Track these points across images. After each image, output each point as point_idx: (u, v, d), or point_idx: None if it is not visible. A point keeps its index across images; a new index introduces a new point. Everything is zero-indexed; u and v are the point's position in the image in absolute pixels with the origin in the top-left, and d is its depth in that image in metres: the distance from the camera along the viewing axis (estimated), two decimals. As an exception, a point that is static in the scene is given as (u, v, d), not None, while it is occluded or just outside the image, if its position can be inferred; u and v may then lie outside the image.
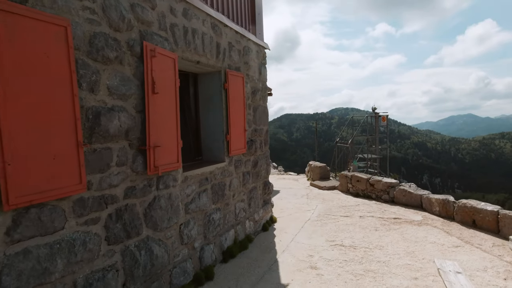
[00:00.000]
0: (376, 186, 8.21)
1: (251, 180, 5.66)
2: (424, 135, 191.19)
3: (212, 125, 4.86)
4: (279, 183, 10.87)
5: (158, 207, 3.34)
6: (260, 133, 6.13)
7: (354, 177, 8.84)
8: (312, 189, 9.80)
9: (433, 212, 6.81)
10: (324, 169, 10.59)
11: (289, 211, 7.25)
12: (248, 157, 5.60)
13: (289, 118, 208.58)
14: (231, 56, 4.96)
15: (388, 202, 7.88)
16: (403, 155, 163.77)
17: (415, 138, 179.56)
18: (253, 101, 5.82)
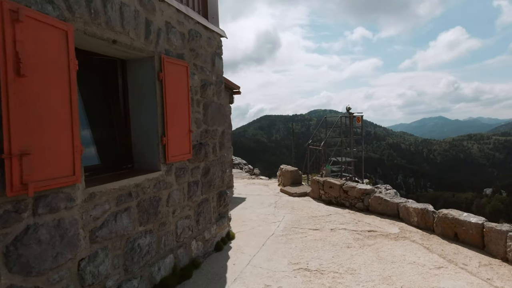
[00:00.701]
0: (350, 193, 7.44)
1: (200, 191, 4.68)
2: (398, 136, 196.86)
3: (144, 125, 3.84)
4: (247, 189, 9.94)
5: (35, 240, 2.31)
6: (213, 134, 5.17)
7: (327, 183, 8.05)
8: (281, 196, 8.93)
9: (411, 223, 6.09)
10: (296, 174, 9.76)
11: (252, 224, 6.32)
12: (196, 163, 4.62)
13: (269, 119, 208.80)
14: (170, 40, 3.97)
15: (362, 210, 7.12)
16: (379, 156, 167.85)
17: (390, 140, 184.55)
18: (204, 97, 4.85)
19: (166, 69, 3.80)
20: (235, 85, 10.31)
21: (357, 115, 10.38)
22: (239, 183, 11.19)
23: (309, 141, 10.30)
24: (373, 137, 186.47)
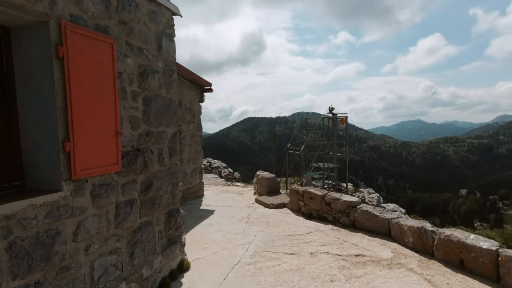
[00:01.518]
0: (333, 205, 6.40)
1: (136, 213, 3.47)
2: (379, 139, 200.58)
3: (38, 123, 2.62)
4: (218, 199, 8.75)
5: None
6: (158, 138, 3.96)
7: (307, 194, 6.98)
8: (256, 207, 7.80)
9: (405, 244, 5.09)
10: (273, 182, 8.66)
11: (216, 247, 5.15)
12: (131, 176, 3.41)
13: (252, 121, 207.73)
14: (81, 2, 2.76)
15: (348, 226, 6.08)
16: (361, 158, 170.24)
17: (371, 142, 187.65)
18: (144, 88, 3.65)
19: (71, 43, 2.58)
20: (206, 82, 9.13)
21: (341, 116, 9.41)
22: (211, 191, 9.99)
23: (288, 145, 9.23)
24: (354, 140, 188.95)
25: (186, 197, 8.17)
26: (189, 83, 8.34)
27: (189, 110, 8.40)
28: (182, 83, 7.99)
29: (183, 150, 8.02)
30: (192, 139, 8.53)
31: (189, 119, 8.38)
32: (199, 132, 8.96)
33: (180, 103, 7.84)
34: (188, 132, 8.35)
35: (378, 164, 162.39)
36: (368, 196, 19.50)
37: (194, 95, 8.75)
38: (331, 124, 9.67)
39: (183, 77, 7.94)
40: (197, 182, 8.86)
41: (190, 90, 8.48)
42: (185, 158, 8.15)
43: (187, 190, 8.23)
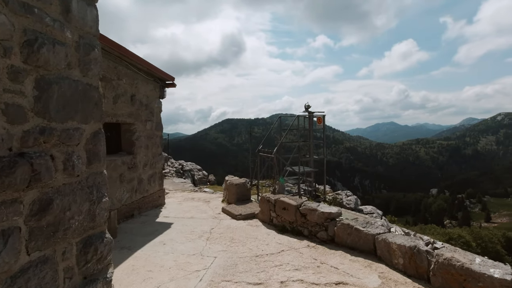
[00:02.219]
0: (309, 217, 5.45)
1: (16, 250, 2.29)
2: (355, 140, 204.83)
3: None
4: (181, 208, 7.60)
5: None
6: (67, 138, 2.79)
7: (279, 203, 6.00)
8: (222, 218, 6.73)
9: (394, 266, 4.20)
10: (242, 188, 7.62)
11: (162, 277, 4.03)
12: (7, 195, 2.26)
13: (231, 122, 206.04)
14: None
15: (326, 242, 5.15)
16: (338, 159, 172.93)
17: (347, 143, 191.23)
18: (36, 65, 2.48)
19: None
20: (168, 75, 7.97)
21: (318, 114, 8.53)
22: (174, 199, 8.81)
23: (260, 147, 8.24)
24: (332, 141, 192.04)
25: (141, 208, 6.98)
26: (146, 75, 7.17)
27: (145, 107, 7.21)
28: (136, 75, 6.80)
29: (137, 153, 6.82)
30: (149, 140, 7.35)
31: (146, 117, 7.20)
32: (159, 132, 7.78)
33: (133, 98, 6.65)
34: (145, 132, 7.16)
35: (354, 165, 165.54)
36: (346, 199, 18.89)
37: (153, 90, 7.57)
38: (308, 124, 8.77)
39: (137, 68, 6.76)
40: (156, 190, 7.68)
41: (147, 84, 7.30)
42: (140, 162, 6.96)
43: (142, 200, 7.04)
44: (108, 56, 5.78)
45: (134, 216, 6.66)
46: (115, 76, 6.02)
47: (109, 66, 5.84)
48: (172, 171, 20.49)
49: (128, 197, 6.44)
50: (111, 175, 5.92)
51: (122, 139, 6.76)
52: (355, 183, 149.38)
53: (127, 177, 6.40)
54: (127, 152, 6.70)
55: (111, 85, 5.89)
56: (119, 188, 6.15)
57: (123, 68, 6.29)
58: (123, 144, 6.76)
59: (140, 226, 6.06)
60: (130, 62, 6.42)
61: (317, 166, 9.72)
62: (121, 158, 6.23)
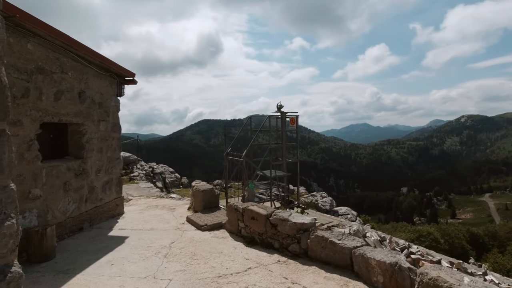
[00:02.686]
0: (280, 228, 4.89)
1: None
2: (330, 141, 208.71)
3: None
4: (140, 218, 6.80)
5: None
6: None
7: (248, 212, 5.40)
8: (186, 229, 6.03)
9: (373, 284, 3.71)
10: (210, 195, 6.95)
11: (100, 310, 3.30)
12: None
13: (207, 123, 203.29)
14: None
15: (298, 256, 4.60)
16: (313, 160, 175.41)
17: (322, 144, 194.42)
18: None
19: None
20: (127, 71, 7.16)
21: (291, 115, 8.01)
22: (136, 207, 7.99)
23: (228, 149, 7.62)
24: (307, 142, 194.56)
25: (93, 219, 6.13)
26: (99, 70, 6.33)
27: (98, 105, 6.37)
28: (87, 68, 5.96)
29: (88, 157, 5.98)
30: (103, 143, 6.51)
31: (99, 117, 6.36)
32: (116, 134, 6.95)
33: (82, 95, 5.81)
34: (98, 133, 6.32)
35: (329, 166, 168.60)
36: (321, 200, 18.63)
37: (108, 87, 6.74)
38: (281, 125, 8.23)
39: (87, 61, 5.93)
40: (113, 198, 6.84)
41: (101, 79, 6.47)
42: (92, 168, 6.12)
43: (94, 210, 6.19)
44: (48, 44, 4.95)
45: (84, 229, 5.82)
46: (57, 68, 5.17)
47: (49, 56, 4.99)
48: (142, 174, 19.36)
49: (75, 208, 5.59)
50: (53, 183, 5.07)
51: (69, 141, 5.90)
52: (330, 183, 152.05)
53: (74, 185, 5.55)
54: (75, 156, 5.85)
55: (51, 79, 5.04)
56: (63, 198, 5.30)
57: (68, 60, 5.45)
58: (70, 148, 5.90)
59: (87, 242, 5.24)
60: (78, 54, 5.59)
61: (291, 169, 9.20)
62: (66, 164, 5.38)
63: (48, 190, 4.99)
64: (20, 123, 4.47)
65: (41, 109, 4.84)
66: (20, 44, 4.48)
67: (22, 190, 4.51)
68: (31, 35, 4.64)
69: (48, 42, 4.93)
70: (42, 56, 4.87)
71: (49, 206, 4.98)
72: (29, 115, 4.62)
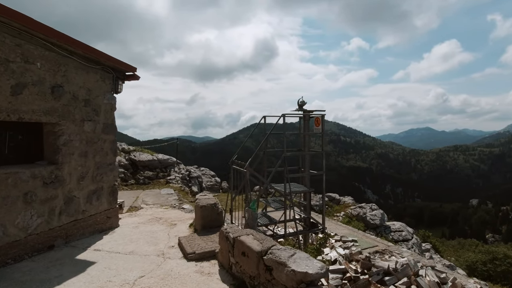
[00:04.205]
0: (276, 274, 3.30)
1: None
2: (387, 146, 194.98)
3: None
4: (130, 235, 5.68)
5: None
6: None
7: (238, 244, 3.90)
8: (170, 256, 4.73)
9: None
10: (210, 212, 5.57)
11: None
12: None
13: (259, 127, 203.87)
14: None
15: (297, 324, 2.98)
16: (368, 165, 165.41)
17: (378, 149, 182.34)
18: None
19: None
20: (125, 64, 6.18)
21: (316, 114, 6.24)
22: (139, 218, 6.98)
23: (233, 157, 6.18)
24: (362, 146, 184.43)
25: (71, 235, 5.18)
26: (85, 61, 5.40)
27: (84, 102, 5.44)
28: (66, 59, 5.05)
29: (65, 163, 5.04)
30: (90, 146, 5.56)
31: (83, 116, 5.42)
32: (108, 136, 5.98)
33: (57, 89, 4.88)
34: (82, 134, 5.38)
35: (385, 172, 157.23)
36: (370, 213, 16.15)
37: (99, 82, 5.80)
38: (302, 127, 6.50)
39: (67, 50, 5.01)
40: (103, 209, 5.86)
41: (88, 73, 5.54)
42: (71, 175, 5.17)
43: (74, 224, 5.23)
44: (3, 28, 4.07)
45: (55, 247, 4.87)
46: (17, 57, 4.29)
47: (4, 42, 4.11)
48: (178, 178, 18.92)
49: (41, 223, 4.66)
50: (7, 194, 4.17)
51: (44, 144, 5.03)
52: (387, 190, 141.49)
53: (41, 196, 4.63)
54: (50, 161, 4.96)
55: (7, 69, 4.16)
56: (23, 211, 4.39)
57: (36, 48, 4.56)
58: (45, 151, 5.03)
59: (44, 267, 4.23)
60: (51, 41, 4.68)
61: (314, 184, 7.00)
62: (29, 170, 4.47)
63: (2, 202, 4.09)
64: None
65: (-8, 105, 3.96)
66: (-47, 24, 3.62)
67: (-46, 203, 3.64)
68: (-26, 15, 3.77)
69: (2, 24, 4.05)
70: (-8, 40, 4.00)
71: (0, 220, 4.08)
72: (-33, 112, 3.75)
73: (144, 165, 19.49)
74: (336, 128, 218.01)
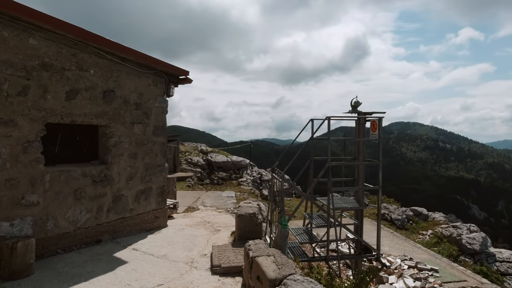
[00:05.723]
0: (284, 312, 2.69)
1: None
2: (501, 155, 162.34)
3: None
4: (173, 237, 5.68)
5: None
6: None
7: (255, 266, 3.37)
8: (197, 266, 4.47)
9: None
10: (248, 222, 5.14)
11: None
12: None
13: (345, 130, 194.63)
14: None
15: None
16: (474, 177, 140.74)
17: (489, 158, 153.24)
18: None
19: None
20: (177, 68, 6.32)
21: (373, 117, 5.13)
22: (189, 219, 7.05)
23: (276, 163, 5.56)
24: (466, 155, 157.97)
25: (118, 231, 5.44)
26: (137, 67, 5.65)
27: (135, 106, 5.69)
28: (118, 65, 5.34)
29: (114, 163, 5.33)
30: (139, 148, 5.79)
31: (133, 119, 5.66)
32: (158, 138, 6.16)
33: (109, 94, 5.19)
34: (131, 136, 5.64)
35: (498, 185, 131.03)
36: (466, 236, 13.37)
37: (151, 86, 6.01)
38: (356, 131, 5.47)
39: (119, 58, 5.31)
40: (151, 209, 6.05)
41: (140, 78, 5.78)
42: (120, 175, 5.44)
43: (121, 222, 5.49)
44: (60, 40, 4.47)
45: (102, 242, 5.17)
46: (72, 65, 4.67)
47: (61, 52, 4.52)
48: (250, 180, 19.09)
49: (90, 218, 4.99)
50: (60, 190, 4.57)
51: (98, 145, 5.41)
52: (499, 207, 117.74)
53: (90, 193, 4.96)
54: (102, 161, 5.30)
55: (63, 76, 4.55)
56: (73, 206, 4.75)
57: (90, 56, 4.91)
58: (99, 152, 5.41)
59: (85, 260, 4.47)
60: (103, 50, 5.00)
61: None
62: (80, 169, 4.83)
63: (52, 197, 4.49)
64: (13, 123, 4.07)
65: (45, 109, 4.38)
66: (18, 38, 4.09)
67: (13, 195, 4.10)
68: (35, 29, 4.21)
69: (59, 36, 4.45)
70: (51, 52, 4.42)
71: (50, 214, 4.47)
72: (26, 115, 4.19)
73: (219, 166, 20.30)
74: (433, 132, 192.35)
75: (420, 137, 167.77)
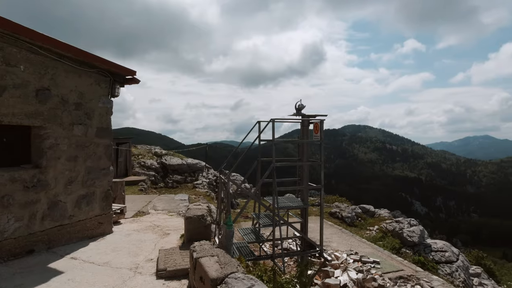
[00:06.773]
0: (224, 310, 2.70)
1: None
2: (438, 155, 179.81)
3: None
4: (118, 242, 5.40)
5: None
6: None
7: (198, 266, 3.34)
8: (141, 271, 4.31)
9: None
10: (197, 224, 5.08)
11: None
12: None
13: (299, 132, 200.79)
14: None
15: None
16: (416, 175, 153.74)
17: (429, 158, 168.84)
18: None
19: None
20: (123, 68, 6.03)
21: (316, 120, 5.41)
22: (138, 224, 6.75)
23: (222, 165, 5.62)
24: (410, 155, 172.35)
25: (54, 240, 5.03)
26: (77, 65, 5.31)
27: (75, 106, 5.33)
28: (54, 62, 4.97)
29: (50, 166, 4.94)
30: (81, 150, 5.43)
31: (73, 120, 5.31)
32: (102, 140, 5.83)
33: (43, 93, 4.80)
34: (71, 138, 5.27)
35: (436, 183, 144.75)
36: (407, 229, 14.50)
37: (93, 85, 5.68)
38: (300, 133, 5.74)
39: (56, 54, 4.94)
40: (94, 215, 5.69)
41: (80, 76, 5.44)
42: (58, 179, 5.06)
43: (58, 229, 5.09)
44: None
45: (35, 252, 4.75)
46: (-3, 60, 4.25)
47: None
48: (205, 182, 18.80)
49: (20, 227, 4.56)
50: (-18, 197, 4.11)
51: (31, 148, 4.98)
52: (438, 203, 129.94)
53: (20, 200, 4.53)
54: (35, 164, 4.88)
55: (-17, 72, 4.12)
56: (0, 215, 4.30)
57: (20, 51, 4.51)
58: (32, 155, 4.97)
59: (9, 274, 4.05)
60: (36, 45, 4.61)
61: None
62: (8, 173, 4.40)
63: (-27, 205, 4.03)
64: None
65: (-36, 107, 3.93)
66: None
67: None
68: (-49, 18, 3.76)
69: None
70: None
71: (-30, 225, 4.00)
72: None
73: (174, 169, 19.74)
74: (381, 135, 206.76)
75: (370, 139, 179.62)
